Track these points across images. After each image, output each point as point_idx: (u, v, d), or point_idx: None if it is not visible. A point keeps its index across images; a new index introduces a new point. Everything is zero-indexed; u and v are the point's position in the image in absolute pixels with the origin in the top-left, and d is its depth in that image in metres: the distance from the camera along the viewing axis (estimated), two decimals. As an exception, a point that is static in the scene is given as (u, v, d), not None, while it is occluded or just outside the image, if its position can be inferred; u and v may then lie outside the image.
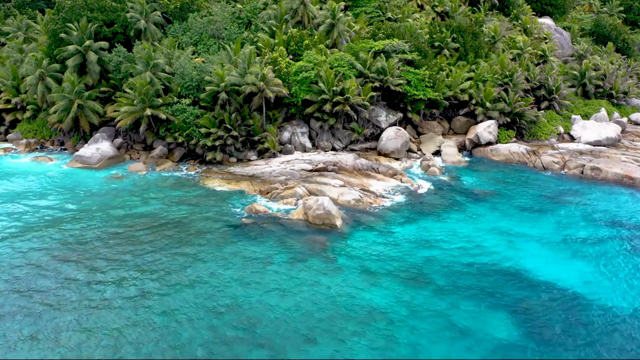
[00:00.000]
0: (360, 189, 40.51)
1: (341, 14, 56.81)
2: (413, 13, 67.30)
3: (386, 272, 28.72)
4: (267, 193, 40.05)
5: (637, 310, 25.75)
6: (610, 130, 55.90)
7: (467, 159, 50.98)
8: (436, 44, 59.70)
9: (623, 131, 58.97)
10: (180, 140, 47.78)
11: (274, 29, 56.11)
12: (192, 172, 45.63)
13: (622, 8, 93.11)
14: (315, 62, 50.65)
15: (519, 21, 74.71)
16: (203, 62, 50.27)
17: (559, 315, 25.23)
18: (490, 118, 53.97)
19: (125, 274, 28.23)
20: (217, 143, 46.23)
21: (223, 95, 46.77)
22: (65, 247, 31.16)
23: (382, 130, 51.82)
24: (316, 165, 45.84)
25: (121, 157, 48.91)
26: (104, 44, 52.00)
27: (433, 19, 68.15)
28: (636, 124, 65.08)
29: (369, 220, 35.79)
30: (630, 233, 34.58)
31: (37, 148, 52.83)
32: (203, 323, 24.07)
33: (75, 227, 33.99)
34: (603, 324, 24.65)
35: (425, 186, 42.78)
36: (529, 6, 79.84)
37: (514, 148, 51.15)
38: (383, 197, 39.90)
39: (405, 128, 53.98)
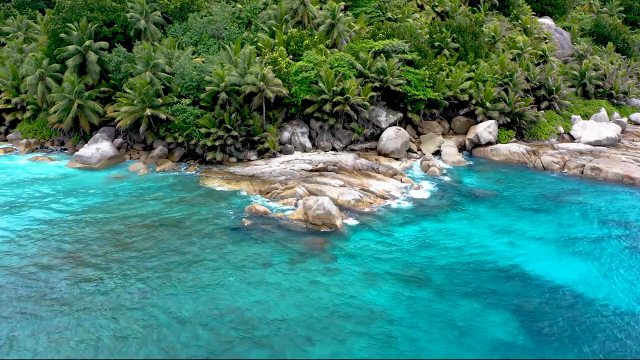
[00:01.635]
0: (360, 189, 40.50)
1: (341, 14, 56.82)
2: (413, 13, 67.36)
3: (386, 272, 28.73)
4: (267, 193, 40.05)
5: (638, 309, 25.75)
6: (610, 130, 55.90)
7: (467, 159, 50.96)
8: (436, 44, 59.71)
9: (623, 131, 59.00)
10: (180, 140, 47.80)
11: (274, 29, 56.12)
12: (192, 172, 45.63)
13: (622, 8, 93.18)
14: (315, 62, 50.64)
15: (519, 21, 74.75)
16: (203, 62, 50.28)
17: (559, 315, 25.23)
18: (490, 118, 53.98)
19: (125, 274, 28.24)
20: (217, 143, 46.24)
21: (223, 95, 46.77)
22: (64, 247, 31.16)
23: (382, 130, 51.82)
24: (316, 165, 45.83)
25: (121, 157, 48.92)
26: (104, 44, 52.04)
27: (433, 19, 68.19)
28: (636, 124, 65.11)
29: (369, 220, 35.79)
30: (630, 232, 34.59)
31: (37, 148, 52.86)
32: (203, 323, 24.08)
33: (75, 227, 34.03)
34: (603, 324, 24.64)
35: (425, 186, 42.78)
36: (529, 6, 79.90)
37: (514, 148, 51.16)
38: (383, 197, 39.89)
39: (405, 128, 53.99)
